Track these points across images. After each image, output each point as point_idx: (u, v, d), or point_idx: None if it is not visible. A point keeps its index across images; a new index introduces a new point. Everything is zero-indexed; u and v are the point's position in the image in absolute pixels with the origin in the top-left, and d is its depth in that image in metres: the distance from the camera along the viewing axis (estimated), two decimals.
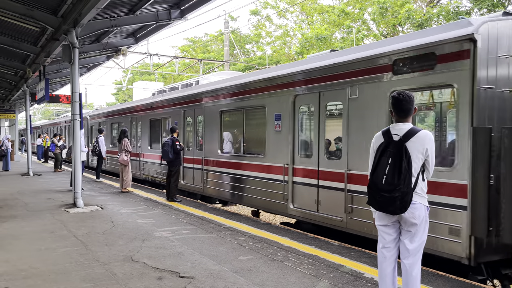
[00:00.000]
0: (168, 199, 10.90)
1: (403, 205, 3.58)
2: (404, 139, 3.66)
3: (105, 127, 18.49)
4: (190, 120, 11.93)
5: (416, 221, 3.66)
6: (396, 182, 3.55)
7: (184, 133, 12.10)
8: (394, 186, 3.55)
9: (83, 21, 9.07)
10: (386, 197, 3.60)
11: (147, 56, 22.20)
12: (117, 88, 57.27)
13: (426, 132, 3.70)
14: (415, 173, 3.63)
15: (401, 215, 3.67)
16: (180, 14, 10.96)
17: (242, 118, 9.76)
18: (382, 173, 3.63)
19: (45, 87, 13.49)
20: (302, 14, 31.93)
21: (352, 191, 6.70)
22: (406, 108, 3.74)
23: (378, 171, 3.68)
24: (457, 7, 20.07)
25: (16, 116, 28.08)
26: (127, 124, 17.02)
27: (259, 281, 4.81)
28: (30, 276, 4.94)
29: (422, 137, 3.65)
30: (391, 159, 3.62)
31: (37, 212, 9.18)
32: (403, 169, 3.55)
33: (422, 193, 3.70)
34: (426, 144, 3.64)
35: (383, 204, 3.66)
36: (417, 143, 3.63)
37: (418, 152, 3.63)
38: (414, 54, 5.80)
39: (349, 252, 6.08)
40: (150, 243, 6.49)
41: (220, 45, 38.11)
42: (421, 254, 3.77)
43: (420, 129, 3.74)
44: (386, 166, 3.62)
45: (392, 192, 3.56)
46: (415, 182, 3.63)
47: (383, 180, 3.62)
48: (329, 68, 7.22)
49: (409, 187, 3.56)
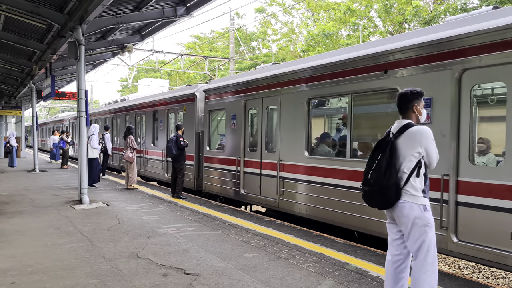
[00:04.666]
0: (173, 196, 10.96)
1: (383, 200, 3.60)
2: (395, 135, 3.66)
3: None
4: (255, 112, 9.58)
5: (405, 219, 3.57)
6: (377, 177, 3.59)
7: (244, 129, 9.80)
8: (375, 181, 3.60)
9: (89, 18, 9.10)
10: (367, 191, 3.69)
11: (152, 53, 22.24)
12: (123, 85, 57.41)
13: (419, 128, 3.61)
14: (406, 170, 3.57)
15: (393, 213, 3.68)
16: (186, 11, 10.94)
17: (346, 107, 7.25)
18: (369, 169, 3.69)
19: (51, 84, 13.54)
20: (308, 11, 31.82)
21: None
22: (401, 104, 3.77)
23: (367, 166, 3.73)
24: (465, 4, 19.90)
25: (22, 113, 28.23)
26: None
27: (264, 279, 4.79)
28: (36, 272, 4.96)
29: (413, 133, 3.59)
30: (380, 155, 3.63)
31: (43, 208, 9.23)
32: (385, 163, 3.56)
33: (415, 192, 3.56)
34: (418, 140, 3.56)
35: (365, 198, 3.74)
36: (408, 139, 3.59)
37: (410, 148, 3.57)
38: None
39: (354, 250, 6.05)
40: (155, 240, 6.50)
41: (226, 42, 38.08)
42: (429, 259, 3.55)
43: (415, 125, 3.65)
44: (375, 162, 3.65)
45: (372, 186, 3.63)
46: (406, 180, 3.56)
47: (368, 175, 3.67)
48: None
49: (389, 182, 3.54)
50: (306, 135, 7.94)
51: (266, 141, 9.14)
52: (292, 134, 8.23)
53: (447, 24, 5.74)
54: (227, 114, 10.50)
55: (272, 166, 8.79)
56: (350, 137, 7.03)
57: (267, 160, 9.00)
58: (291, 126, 8.28)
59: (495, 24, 4.97)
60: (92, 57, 15.23)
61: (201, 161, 11.82)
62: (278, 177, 8.54)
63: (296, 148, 8.12)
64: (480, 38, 5.10)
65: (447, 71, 5.45)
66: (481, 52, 5.11)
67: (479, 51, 5.12)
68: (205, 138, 11.59)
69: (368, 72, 6.59)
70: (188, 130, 12.30)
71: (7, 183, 13.77)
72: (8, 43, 12.99)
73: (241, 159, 9.77)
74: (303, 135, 7.96)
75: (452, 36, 5.40)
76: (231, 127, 10.28)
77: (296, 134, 8.12)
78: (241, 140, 9.83)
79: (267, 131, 9.14)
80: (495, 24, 4.97)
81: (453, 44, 5.40)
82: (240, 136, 9.86)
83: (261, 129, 9.23)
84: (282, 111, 8.50)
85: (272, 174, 8.79)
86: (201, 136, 12.03)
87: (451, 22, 5.72)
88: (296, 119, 8.14)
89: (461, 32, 5.30)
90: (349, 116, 7.04)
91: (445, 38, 5.49)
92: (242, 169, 9.79)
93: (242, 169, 9.79)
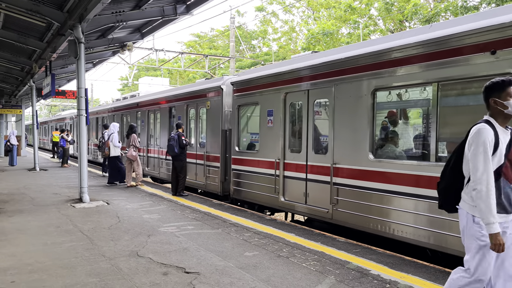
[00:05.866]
0: (175, 194, 10.97)
1: (444, 201, 3.45)
2: (467, 134, 3.33)
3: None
4: (299, 106, 8.42)
5: (460, 227, 3.35)
6: (442, 176, 3.47)
7: (284, 126, 8.58)
8: (441, 180, 3.49)
9: (88, 16, 9.08)
10: (438, 190, 3.56)
11: (152, 52, 22.19)
12: (123, 84, 57.38)
13: (476, 127, 3.21)
14: (466, 173, 3.28)
15: None
16: (186, 9, 10.93)
17: (429, 99, 6.06)
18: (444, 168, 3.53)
19: (51, 83, 13.54)
20: (308, 9, 31.78)
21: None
22: (483, 97, 3.34)
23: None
24: (465, 2, 19.85)
25: (22, 112, 28.22)
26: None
27: (265, 277, 4.78)
28: (36, 271, 4.95)
29: (471, 132, 3.23)
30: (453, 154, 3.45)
31: (43, 207, 9.22)
32: (450, 163, 3.41)
33: (468, 199, 3.23)
34: (470, 139, 3.21)
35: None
36: (469, 139, 3.24)
37: (467, 149, 3.24)
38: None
39: (355, 249, 6.03)
40: (156, 239, 6.49)
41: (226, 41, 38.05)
42: (475, 278, 3.20)
43: (479, 123, 3.25)
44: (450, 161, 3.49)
45: (438, 185, 3.52)
46: (466, 183, 3.30)
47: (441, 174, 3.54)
48: None
49: (447, 183, 3.39)
50: (370, 133, 6.62)
51: (313, 141, 7.88)
52: (351, 132, 6.95)
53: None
54: (262, 110, 9.19)
55: (322, 170, 7.52)
56: (436, 136, 5.71)
57: (315, 163, 7.73)
58: (349, 123, 6.99)
59: None
60: (92, 55, 15.22)
61: (229, 162, 10.55)
62: (332, 184, 7.24)
63: (356, 149, 6.82)
64: None
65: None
66: None
67: None
68: (234, 137, 10.24)
69: (465, 54, 5.36)
70: (212, 128, 11.27)
71: (7, 182, 13.76)
72: (8, 41, 12.97)
73: (281, 161, 8.51)
74: (366, 134, 6.65)
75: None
76: (267, 124, 8.99)
77: (357, 132, 6.82)
78: (280, 139, 8.57)
79: (314, 128, 7.89)
80: None
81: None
82: (279, 134, 8.60)
83: (306, 127, 7.97)
84: (337, 105, 7.22)
85: (322, 179, 7.50)
86: (228, 134, 10.72)
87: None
88: (356, 115, 6.83)
89: None
90: (435, 110, 5.71)
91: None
92: (281, 173, 8.52)
93: (281, 172, 8.52)
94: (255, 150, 9.57)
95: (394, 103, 6.87)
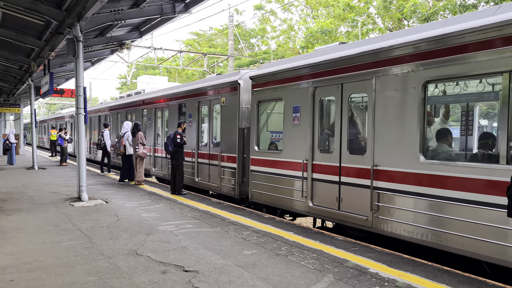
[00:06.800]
0: (174, 193, 10.98)
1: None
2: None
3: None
4: (330, 102, 7.81)
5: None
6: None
7: (313, 124, 7.83)
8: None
9: (87, 14, 9.07)
10: None
11: (151, 50, 22.14)
12: (122, 83, 57.33)
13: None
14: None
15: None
16: (184, 7, 10.91)
17: (497, 91, 5.46)
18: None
19: (50, 81, 13.54)
20: (307, 8, 31.75)
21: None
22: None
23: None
24: (464, 0, 19.85)
25: (21, 110, 28.17)
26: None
27: (264, 276, 4.79)
28: (34, 269, 4.95)
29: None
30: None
31: (42, 205, 9.21)
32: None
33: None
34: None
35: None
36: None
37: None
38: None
39: (353, 247, 6.05)
40: (154, 237, 6.49)
41: (225, 39, 38.02)
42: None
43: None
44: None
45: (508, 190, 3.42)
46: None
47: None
48: None
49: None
50: (420, 132, 5.86)
51: (348, 140, 7.13)
52: (396, 130, 6.19)
53: None
54: (286, 106, 8.41)
55: (359, 172, 6.77)
56: (507, 134, 4.93)
57: (350, 165, 6.97)
58: (394, 120, 6.23)
59: None
60: (90, 54, 15.21)
61: (247, 163, 9.77)
62: (372, 188, 6.48)
63: (402, 150, 6.06)
64: None
65: None
66: None
67: None
68: (253, 135, 9.43)
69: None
70: (228, 126, 10.56)
71: (6, 181, 13.74)
72: (6, 40, 12.94)
73: (309, 162, 7.77)
74: (415, 133, 5.89)
75: None
76: (293, 121, 8.22)
77: (403, 130, 6.07)
78: (308, 138, 7.81)
79: (349, 126, 7.17)
80: None
81: None
82: (307, 133, 7.83)
83: (340, 124, 7.21)
84: (378, 100, 6.46)
85: (360, 183, 6.76)
86: (246, 133, 9.97)
87: None
88: (403, 111, 6.08)
89: None
90: (507, 103, 4.94)
91: None
92: (309, 175, 7.78)
93: (309, 175, 7.78)
94: (278, 150, 8.92)
95: (451, 97, 6.16)
